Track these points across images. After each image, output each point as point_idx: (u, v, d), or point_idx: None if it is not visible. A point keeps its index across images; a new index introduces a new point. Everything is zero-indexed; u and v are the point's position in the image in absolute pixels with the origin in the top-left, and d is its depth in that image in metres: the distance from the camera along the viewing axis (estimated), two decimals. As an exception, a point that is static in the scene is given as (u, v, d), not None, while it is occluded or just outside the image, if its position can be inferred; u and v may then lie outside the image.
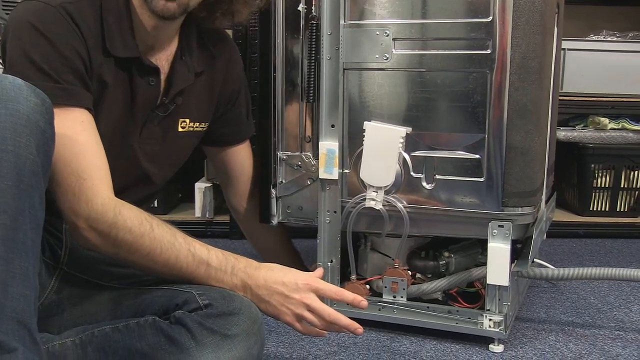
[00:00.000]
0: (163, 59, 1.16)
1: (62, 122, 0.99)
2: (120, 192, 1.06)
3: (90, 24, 1.06)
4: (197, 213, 2.14)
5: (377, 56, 1.27)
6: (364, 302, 1.05)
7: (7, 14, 2.25)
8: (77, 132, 1.01)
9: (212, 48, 1.25)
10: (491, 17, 1.19)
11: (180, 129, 1.22)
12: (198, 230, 2.12)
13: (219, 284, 1.03)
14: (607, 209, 2.26)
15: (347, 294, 1.05)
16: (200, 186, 2.12)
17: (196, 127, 1.25)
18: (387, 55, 1.26)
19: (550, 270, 1.44)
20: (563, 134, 2.22)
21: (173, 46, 1.17)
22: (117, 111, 1.11)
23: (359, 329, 1.03)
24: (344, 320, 1.02)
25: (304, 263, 1.59)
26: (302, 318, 1.02)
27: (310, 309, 1.02)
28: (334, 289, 1.05)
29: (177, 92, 1.17)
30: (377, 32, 1.26)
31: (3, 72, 1.02)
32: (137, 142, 1.16)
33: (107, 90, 1.09)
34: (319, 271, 1.10)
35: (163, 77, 1.15)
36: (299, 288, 1.02)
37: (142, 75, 1.12)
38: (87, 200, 0.99)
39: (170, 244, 1.01)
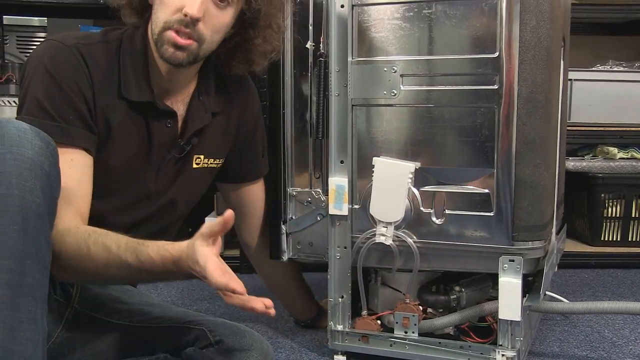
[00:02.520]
0: (179, 101, 1.17)
1: None
2: (135, 226, 1.07)
3: (103, 66, 1.09)
4: (207, 247, 2.14)
5: (385, 92, 1.28)
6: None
7: (21, 52, 2.30)
8: (62, 168, 0.98)
9: (231, 89, 1.26)
10: (498, 53, 1.20)
11: (195, 165, 1.23)
12: (208, 264, 2.12)
13: (164, 277, 0.99)
14: (618, 239, 2.25)
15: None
16: (210, 220, 2.12)
17: (211, 163, 1.26)
18: (395, 92, 1.27)
19: (563, 303, 1.43)
20: (572, 164, 2.22)
21: (190, 88, 1.19)
22: (131, 152, 1.13)
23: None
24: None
25: (314, 297, 1.59)
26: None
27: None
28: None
29: (192, 133, 1.18)
30: (385, 69, 1.27)
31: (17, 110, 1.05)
32: (152, 182, 1.17)
33: (114, 130, 1.10)
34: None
35: (180, 119, 1.17)
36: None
37: (158, 118, 1.14)
38: None
39: (106, 261, 0.97)
